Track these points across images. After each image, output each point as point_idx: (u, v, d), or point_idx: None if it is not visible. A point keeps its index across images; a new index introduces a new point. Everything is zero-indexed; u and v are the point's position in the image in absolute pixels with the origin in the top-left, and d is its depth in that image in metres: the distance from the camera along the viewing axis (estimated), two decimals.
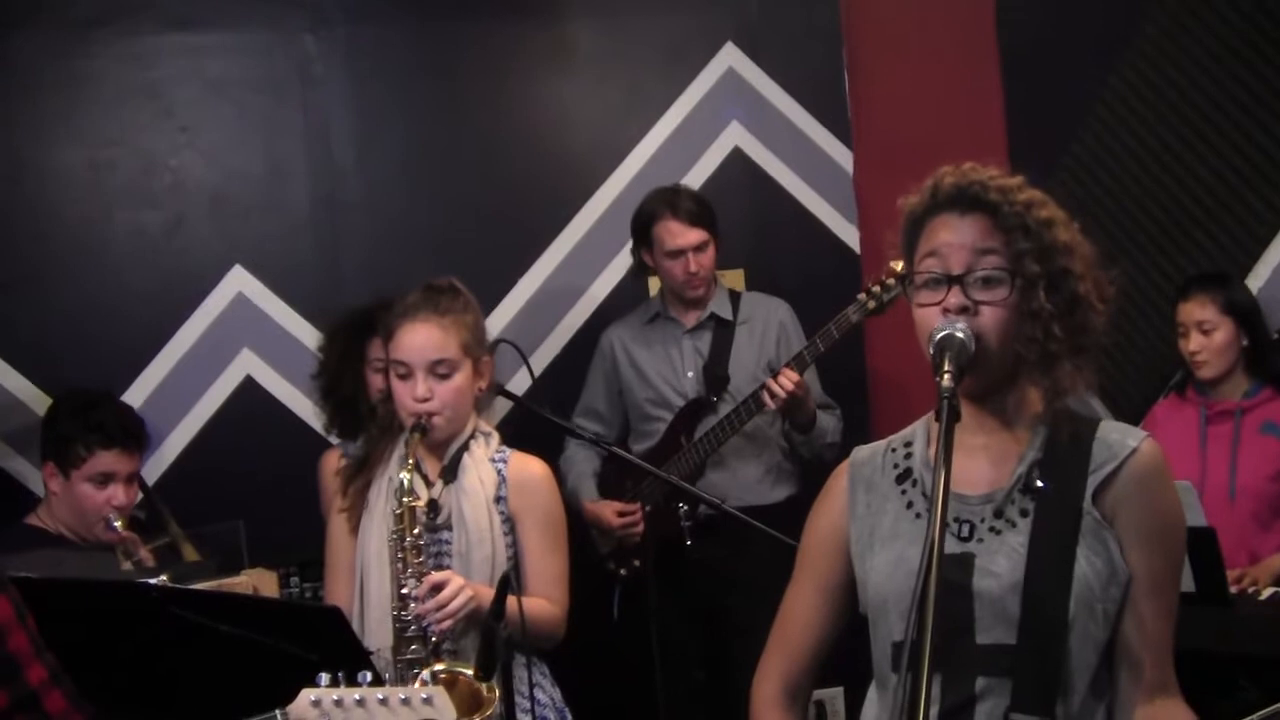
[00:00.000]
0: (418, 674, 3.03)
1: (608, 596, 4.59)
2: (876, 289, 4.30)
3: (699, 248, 4.60)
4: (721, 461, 4.63)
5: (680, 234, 4.59)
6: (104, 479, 3.84)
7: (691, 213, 4.60)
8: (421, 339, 3.32)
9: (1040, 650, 2.09)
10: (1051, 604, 2.09)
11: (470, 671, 3.00)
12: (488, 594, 3.12)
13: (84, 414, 3.90)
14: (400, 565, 3.24)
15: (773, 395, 4.36)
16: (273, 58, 4.93)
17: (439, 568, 3.27)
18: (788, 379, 4.35)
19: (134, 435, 3.96)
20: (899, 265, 4.32)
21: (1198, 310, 4.48)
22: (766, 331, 4.70)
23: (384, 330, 3.42)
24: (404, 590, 3.22)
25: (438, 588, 3.16)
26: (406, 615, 3.21)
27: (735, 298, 4.80)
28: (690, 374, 4.71)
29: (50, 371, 4.63)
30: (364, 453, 3.52)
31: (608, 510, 4.59)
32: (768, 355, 4.69)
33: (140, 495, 4.25)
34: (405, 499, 3.24)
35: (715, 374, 4.67)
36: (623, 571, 4.62)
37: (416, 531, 3.24)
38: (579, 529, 4.56)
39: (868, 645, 2.31)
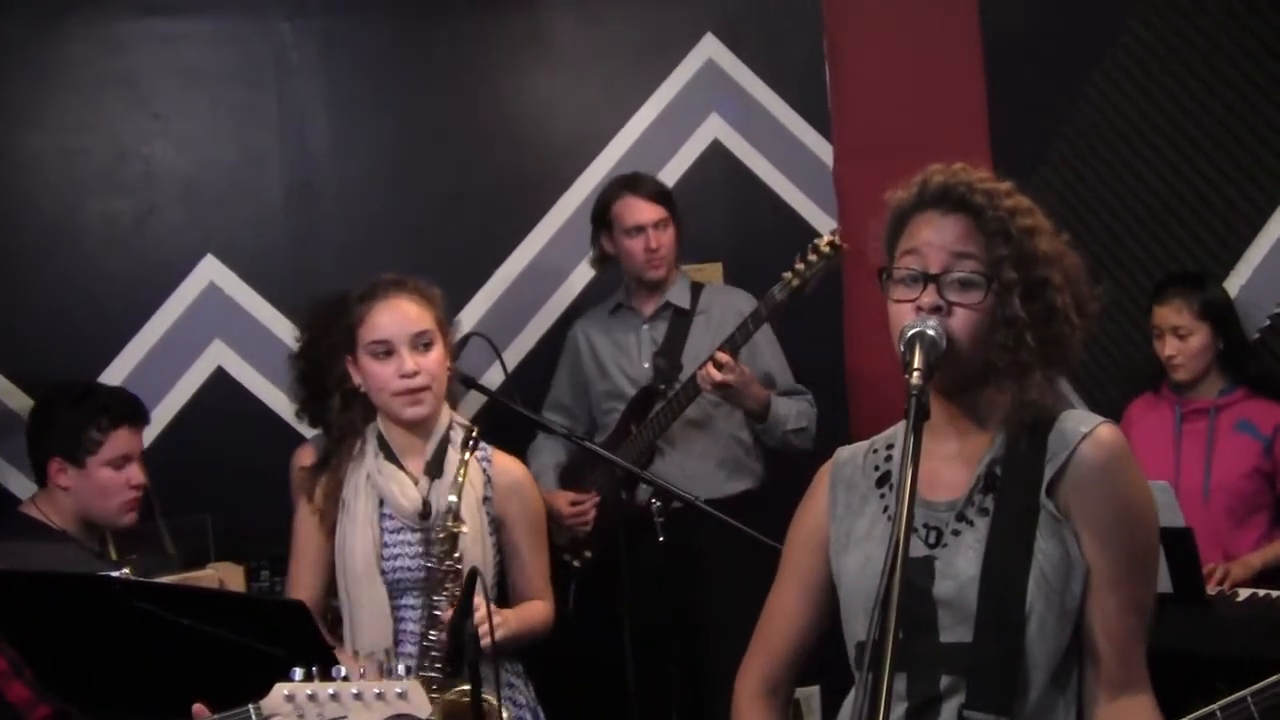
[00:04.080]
0: (435, 691, 3.12)
1: (563, 588, 4.52)
2: (800, 267, 4.34)
3: (658, 224, 4.59)
4: (669, 451, 4.62)
5: (640, 209, 4.59)
6: (123, 460, 3.79)
7: (651, 190, 4.64)
8: (401, 313, 3.32)
9: (996, 646, 2.09)
10: (1008, 599, 2.09)
11: (489, 698, 3.00)
12: (517, 616, 3.28)
13: (84, 400, 3.84)
14: (434, 587, 3.26)
15: (704, 380, 4.36)
16: (248, 46, 4.89)
17: (428, 568, 3.29)
18: (718, 361, 4.34)
19: (140, 411, 3.93)
20: (824, 242, 4.42)
21: (1173, 315, 4.47)
22: (724, 322, 4.61)
23: (348, 322, 3.40)
24: (435, 612, 3.24)
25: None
26: (434, 636, 3.23)
27: (696, 290, 4.77)
28: (646, 364, 4.70)
29: (18, 360, 4.59)
30: (327, 453, 3.49)
31: (561, 500, 4.59)
32: None
33: None
34: (451, 524, 3.23)
35: (668, 362, 4.66)
36: (576, 563, 4.62)
37: (457, 555, 3.24)
38: None
39: (844, 644, 2.32)
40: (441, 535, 3.23)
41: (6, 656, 2.60)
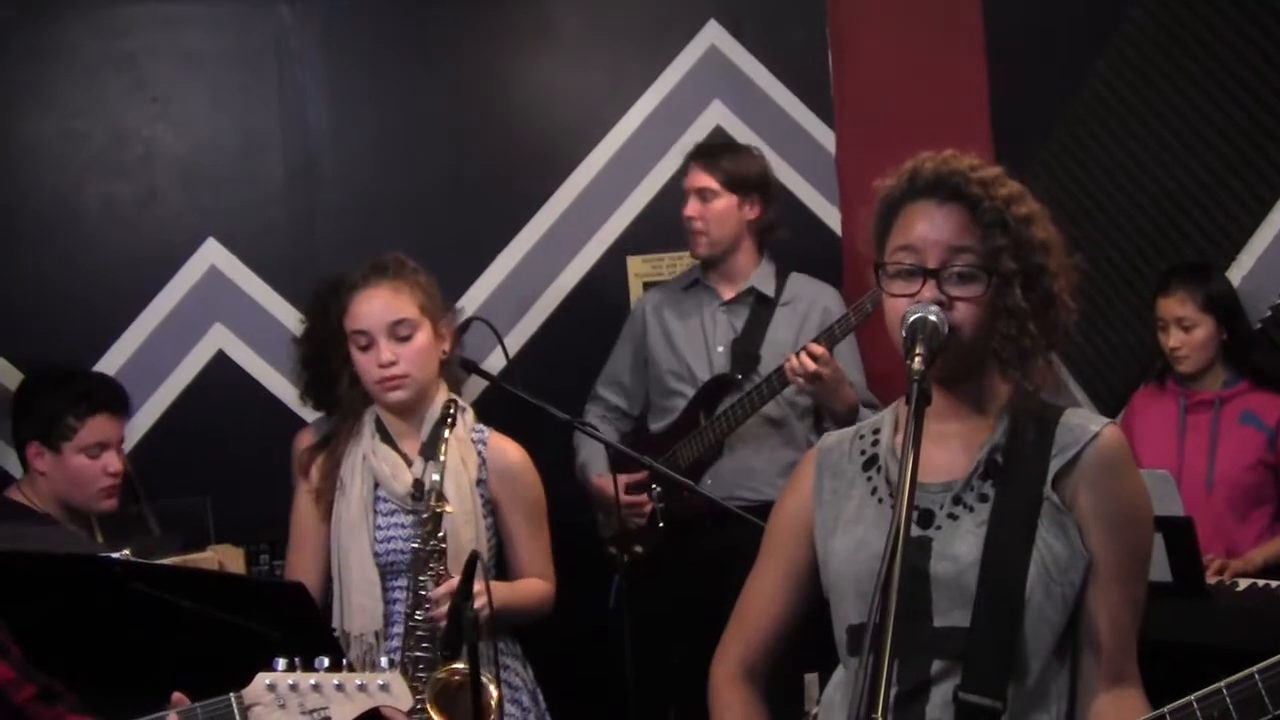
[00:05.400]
0: (423, 671, 3.16)
1: (605, 583, 4.38)
2: None
3: (701, 192, 4.43)
4: (738, 447, 4.42)
5: (690, 175, 4.47)
6: (99, 448, 3.79)
7: (709, 159, 4.47)
8: (377, 303, 3.34)
9: (994, 631, 2.09)
10: (1008, 585, 2.09)
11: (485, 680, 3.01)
12: (508, 590, 3.30)
13: (65, 385, 3.86)
14: (419, 567, 3.26)
15: (797, 370, 4.11)
16: (248, 29, 4.89)
17: (413, 548, 3.28)
18: (813, 353, 4.10)
19: (120, 399, 3.93)
20: None
21: (1177, 307, 4.45)
22: (809, 315, 4.45)
23: (339, 309, 3.42)
24: (421, 592, 3.24)
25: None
26: (420, 616, 3.23)
27: (783, 277, 4.56)
28: (720, 349, 4.50)
29: (19, 343, 4.58)
30: (328, 433, 3.50)
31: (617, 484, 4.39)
32: (807, 340, 4.26)
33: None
34: (435, 504, 3.23)
35: (746, 351, 4.46)
36: (625, 558, 4.29)
37: (441, 535, 3.24)
38: (582, 509, 4.54)
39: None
40: (425, 515, 3.23)
41: None
